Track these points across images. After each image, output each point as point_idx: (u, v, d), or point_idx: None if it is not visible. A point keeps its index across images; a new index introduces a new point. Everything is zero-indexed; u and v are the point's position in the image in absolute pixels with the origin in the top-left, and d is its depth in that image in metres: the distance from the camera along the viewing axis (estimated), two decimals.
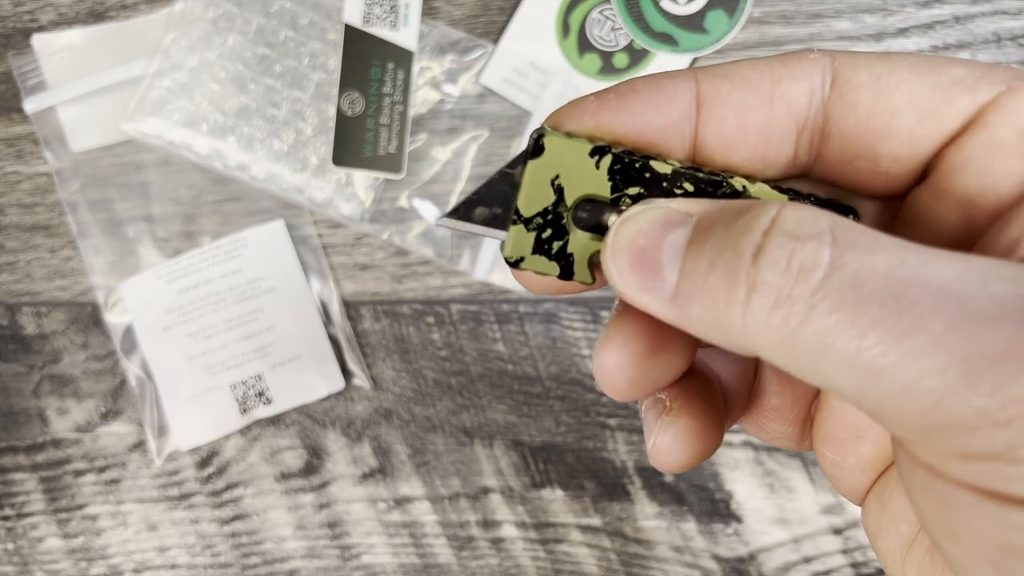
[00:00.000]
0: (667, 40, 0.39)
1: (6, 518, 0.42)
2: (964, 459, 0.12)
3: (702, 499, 0.40)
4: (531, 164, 0.16)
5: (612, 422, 0.40)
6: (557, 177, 0.16)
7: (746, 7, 0.39)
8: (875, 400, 0.12)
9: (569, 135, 0.16)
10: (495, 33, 0.40)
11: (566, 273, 0.16)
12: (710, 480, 0.40)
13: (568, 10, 0.40)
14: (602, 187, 0.16)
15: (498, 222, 0.17)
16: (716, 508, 0.40)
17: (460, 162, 0.40)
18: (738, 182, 0.16)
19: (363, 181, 0.40)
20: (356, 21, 0.39)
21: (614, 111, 0.16)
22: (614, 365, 0.16)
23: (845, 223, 0.13)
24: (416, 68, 0.40)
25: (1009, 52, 0.38)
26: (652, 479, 0.40)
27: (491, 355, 0.40)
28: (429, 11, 0.40)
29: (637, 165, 0.16)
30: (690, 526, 0.40)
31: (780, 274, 0.13)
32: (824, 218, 0.13)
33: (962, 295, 0.12)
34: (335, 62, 0.40)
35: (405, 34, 0.39)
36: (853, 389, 0.12)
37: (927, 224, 0.16)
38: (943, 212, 0.16)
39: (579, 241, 0.16)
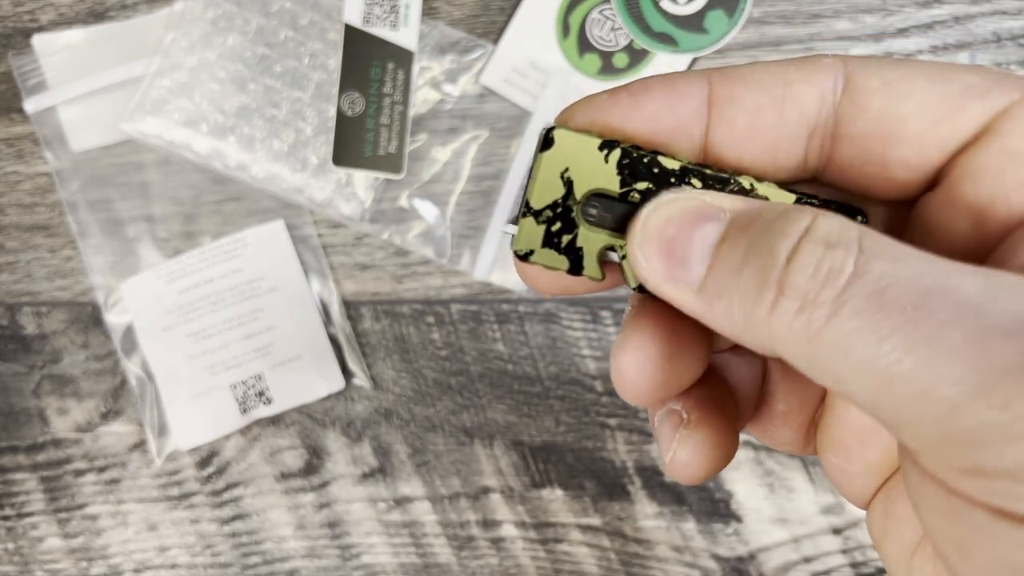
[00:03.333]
0: (667, 40, 0.39)
1: (6, 518, 0.42)
2: (975, 475, 0.12)
3: (702, 499, 0.40)
4: (542, 156, 0.16)
5: (612, 422, 0.40)
6: (567, 170, 0.16)
7: (746, 7, 0.39)
8: (889, 408, 0.12)
9: (579, 130, 0.16)
10: (495, 33, 0.40)
11: (575, 267, 0.17)
12: (710, 480, 0.40)
13: (568, 10, 0.40)
14: (611, 181, 0.16)
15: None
16: (716, 508, 0.40)
17: (460, 162, 0.40)
18: (746, 180, 0.16)
19: (363, 181, 0.40)
20: (356, 21, 0.39)
21: (626, 109, 0.16)
22: (634, 369, 0.16)
23: (875, 235, 0.13)
24: (416, 68, 0.40)
25: (1009, 52, 0.38)
26: (652, 479, 0.40)
27: (491, 355, 0.40)
28: (429, 11, 0.40)
29: (645, 160, 0.16)
30: (690, 526, 0.40)
31: (808, 279, 0.13)
32: (855, 228, 0.13)
33: (981, 309, 0.12)
34: (335, 62, 0.40)
35: (405, 34, 0.39)
36: (869, 395, 0.13)
37: (937, 231, 0.16)
38: (954, 220, 0.16)
39: (588, 235, 0.16)
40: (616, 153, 0.16)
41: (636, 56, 0.40)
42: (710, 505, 0.40)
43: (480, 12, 0.40)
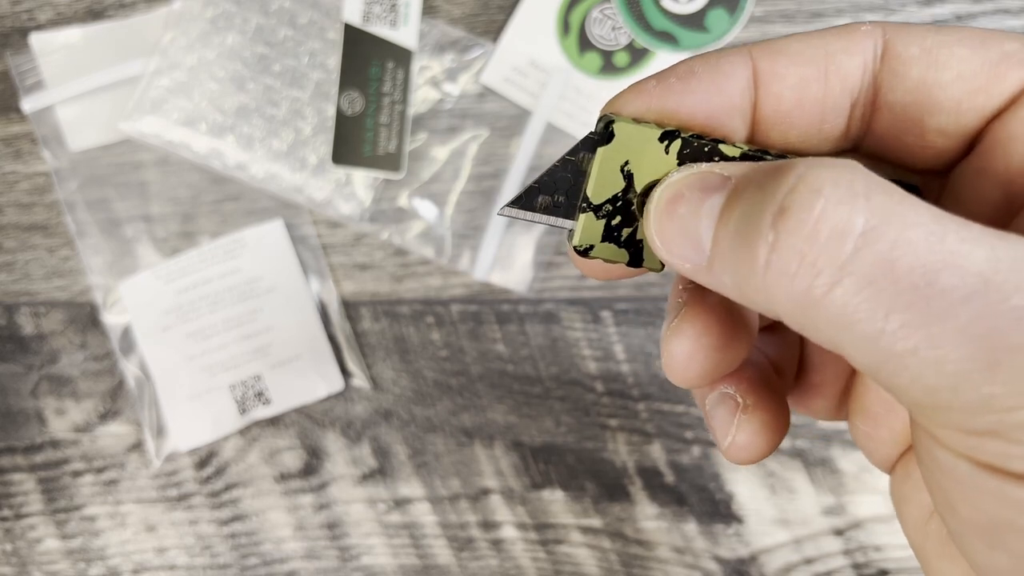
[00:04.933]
0: (668, 39, 0.39)
1: (4, 519, 0.41)
2: (966, 434, 0.12)
3: (703, 500, 0.39)
4: (601, 151, 0.16)
5: (613, 423, 0.40)
6: (627, 163, 0.16)
7: (747, 6, 0.39)
8: (889, 375, 0.12)
9: (636, 120, 0.16)
10: (495, 32, 0.40)
11: (635, 260, 0.16)
12: (711, 481, 0.39)
13: (568, 9, 0.40)
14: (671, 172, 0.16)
15: (560, 210, 0.16)
16: (717, 509, 0.39)
17: (460, 161, 0.40)
18: None
19: (362, 180, 0.40)
20: (356, 20, 0.39)
21: (677, 94, 0.16)
22: (685, 356, 0.16)
23: (884, 186, 0.12)
24: (416, 67, 0.39)
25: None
26: (652, 480, 0.40)
27: (491, 355, 0.40)
28: (429, 10, 0.40)
29: (706, 149, 0.16)
30: (691, 527, 0.39)
31: (804, 238, 0.12)
32: (861, 179, 0.12)
33: (992, 283, 0.12)
34: (334, 61, 0.40)
35: (405, 33, 0.39)
36: (869, 364, 0.12)
37: (968, 199, 0.16)
38: (985, 188, 0.16)
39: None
40: (677, 143, 0.16)
41: (637, 55, 0.39)
42: (711, 506, 0.39)
43: (480, 11, 0.40)
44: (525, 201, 0.16)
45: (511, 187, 0.39)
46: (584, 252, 0.16)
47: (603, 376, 0.40)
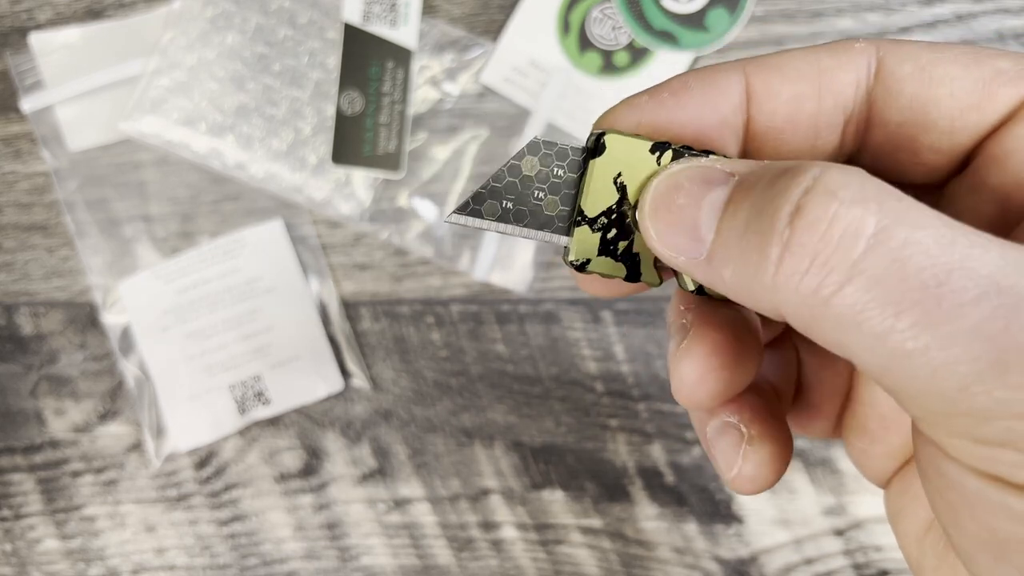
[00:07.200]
0: (668, 38, 0.39)
1: (4, 519, 0.41)
2: (977, 444, 0.12)
3: (703, 500, 0.39)
4: (595, 163, 0.16)
5: (613, 423, 0.40)
6: (619, 175, 0.16)
7: (747, 5, 0.39)
8: (898, 379, 0.12)
9: (627, 133, 0.16)
10: (495, 31, 0.40)
11: (632, 275, 0.16)
12: (711, 481, 0.39)
13: (568, 8, 0.39)
14: None
15: (508, 217, 0.16)
16: (717, 509, 0.39)
17: (460, 161, 0.40)
18: None
19: (362, 180, 0.40)
20: (355, 19, 0.39)
21: (670, 109, 0.16)
22: (695, 378, 0.16)
23: (894, 192, 0.13)
24: (416, 67, 0.39)
25: (1012, 50, 0.38)
26: (653, 480, 0.40)
27: (491, 355, 0.40)
28: (429, 9, 0.40)
29: None
30: (691, 527, 0.39)
31: (818, 237, 0.12)
32: (872, 184, 0.13)
33: (1004, 285, 0.12)
34: (334, 61, 0.40)
35: (405, 32, 0.39)
36: (877, 366, 0.12)
37: (963, 215, 0.16)
38: (979, 204, 0.16)
39: (643, 240, 0.16)
40: (668, 155, 0.16)
41: (637, 55, 0.39)
42: (711, 506, 0.39)
43: (480, 10, 0.40)
44: (472, 208, 0.16)
45: None
46: (580, 267, 0.16)
47: (603, 376, 0.40)
